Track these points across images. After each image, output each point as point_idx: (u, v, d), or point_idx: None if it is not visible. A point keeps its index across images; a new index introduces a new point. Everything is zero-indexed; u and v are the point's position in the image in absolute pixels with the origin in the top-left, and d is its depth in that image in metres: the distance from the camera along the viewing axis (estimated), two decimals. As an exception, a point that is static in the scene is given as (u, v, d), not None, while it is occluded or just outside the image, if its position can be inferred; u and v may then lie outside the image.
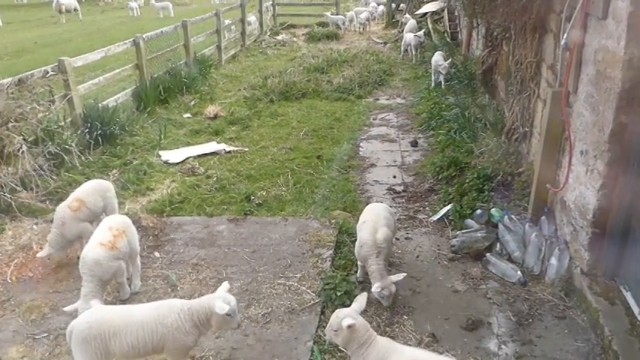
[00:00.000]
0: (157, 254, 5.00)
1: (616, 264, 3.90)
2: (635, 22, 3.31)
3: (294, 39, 18.12)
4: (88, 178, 6.65)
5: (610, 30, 3.60)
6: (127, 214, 5.77)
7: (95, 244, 4.04)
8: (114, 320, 3.18)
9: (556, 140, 4.68)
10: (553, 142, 4.69)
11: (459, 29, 13.87)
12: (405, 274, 4.06)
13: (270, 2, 20.68)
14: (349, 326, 2.96)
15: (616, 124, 3.59)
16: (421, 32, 13.76)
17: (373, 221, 4.33)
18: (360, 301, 3.17)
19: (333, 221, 5.40)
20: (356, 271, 4.56)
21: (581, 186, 4.10)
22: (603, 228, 3.89)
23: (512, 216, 4.96)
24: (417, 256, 4.91)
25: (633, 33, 3.34)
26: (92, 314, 3.26)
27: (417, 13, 16.95)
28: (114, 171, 6.92)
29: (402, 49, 14.07)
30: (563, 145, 4.62)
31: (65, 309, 3.83)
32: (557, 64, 4.82)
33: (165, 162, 7.32)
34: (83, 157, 7.06)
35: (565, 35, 4.41)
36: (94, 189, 4.94)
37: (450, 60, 10.37)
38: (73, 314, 3.83)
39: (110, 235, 4.12)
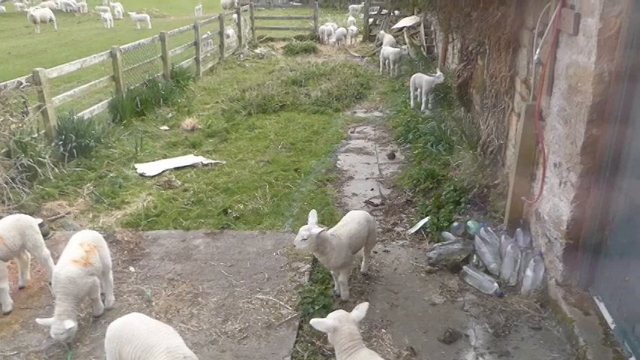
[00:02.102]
0: (131, 269, 4.92)
1: (589, 275, 3.96)
2: (605, 38, 3.39)
3: (273, 52, 18.17)
4: (62, 191, 6.58)
5: (581, 45, 3.68)
6: (101, 227, 5.71)
7: (67, 262, 3.94)
8: (129, 329, 3.10)
9: (530, 153, 4.75)
10: (527, 154, 4.76)
11: (435, 43, 14.08)
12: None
13: (249, 15, 20.75)
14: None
15: (588, 137, 3.66)
16: (406, 46, 13.88)
17: (347, 223, 4.45)
18: (361, 309, 3.13)
19: (310, 234, 5.38)
20: (334, 285, 4.54)
21: (555, 198, 4.16)
22: (577, 239, 3.94)
23: (489, 228, 5.01)
24: (395, 269, 4.91)
25: (603, 48, 3.42)
26: (128, 317, 3.23)
27: (393, 27, 17.16)
28: (88, 184, 6.82)
29: (381, 62, 14.17)
30: (537, 157, 4.69)
31: (38, 321, 3.72)
32: (531, 78, 4.91)
33: (142, 175, 7.23)
34: (57, 170, 6.95)
35: (538, 50, 4.50)
36: (12, 225, 4.46)
37: (438, 73, 9.77)
38: (45, 330, 3.75)
39: (82, 251, 4.03)
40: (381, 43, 15.25)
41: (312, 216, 4.16)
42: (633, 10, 3.23)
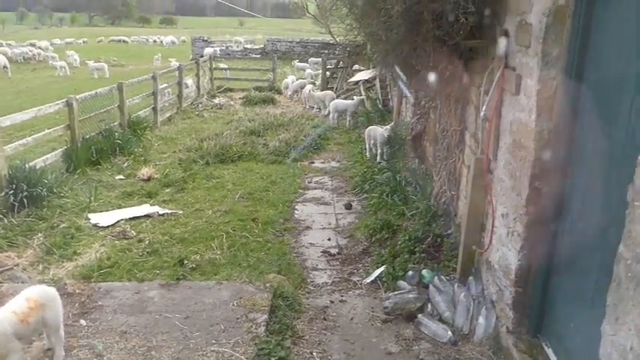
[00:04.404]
0: (82, 322, 4.76)
1: (538, 321, 4.08)
2: (543, 98, 3.65)
3: (231, 102, 18.38)
4: (11, 242, 6.38)
5: (522, 104, 3.94)
6: (51, 279, 5.54)
7: (8, 311, 3.71)
8: None
9: (480, 204, 4.94)
10: (477, 205, 4.96)
11: (390, 97, 14.55)
12: None
13: (208, 66, 21.03)
14: None
15: (531, 189, 3.87)
16: (359, 98, 14.26)
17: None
18: None
19: (267, 285, 5.37)
20: (291, 336, 4.52)
21: (504, 247, 4.33)
22: (525, 287, 4.09)
23: (442, 277, 5.14)
24: (352, 319, 4.94)
25: (542, 107, 3.67)
26: None
27: (350, 80, 17.69)
28: (39, 235, 6.64)
29: (332, 115, 14.23)
30: (486, 208, 4.89)
31: None
32: (479, 132, 5.17)
33: (95, 225, 7.09)
34: (6, 220, 6.77)
35: (484, 107, 4.77)
36: None
37: (389, 125, 10.24)
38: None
39: (25, 307, 3.79)
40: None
41: None
42: (567, 74, 3.50)
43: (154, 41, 57.41)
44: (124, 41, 57.31)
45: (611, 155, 3.04)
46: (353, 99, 14.46)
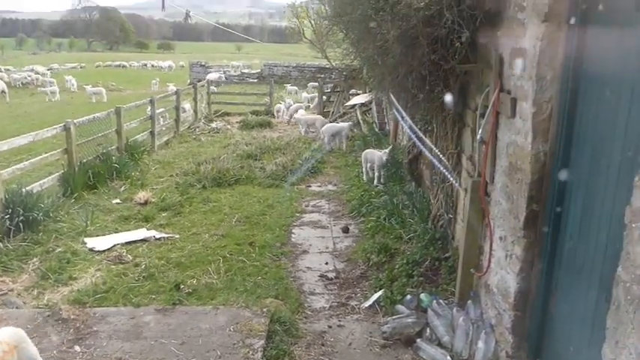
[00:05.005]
0: (77, 348, 4.70)
1: (538, 345, 4.04)
2: (539, 121, 3.68)
3: (228, 126, 18.44)
4: (6, 267, 6.34)
5: (518, 127, 3.96)
6: (46, 305, 5.49)
7: None
8: None
9: (477, 227, 4.93)
10: (475, 228, 4.95)
11: (386, 120, 14.64)
12: None
13: (206, 90, 21.17)
14: None
15: (529, 212, 3.86)
16: (348, 123, 14.36)
17: None
18: None
19: (264, 310, 5.32)
20: (288, 361, 4.47)
21: (502, 270, 4.31)
22: (524, 311, 4.06)
23: (441, 300, 5.09)
24: (350, 344, 4.88)
25: (537, 130, 3.69)
26: None
27: (346, 104, 17.82)
28: (34, 259, 6.59)
29: (326, 139, 14.08)
30: (484, 231, 4.88)
31: None
32: (475, 155, 5.19)
33: (91, 249, 7.05)
34: (1, 245, 6.73)
35: (480, 130, 4.79)
36: None
37: (387, 149, 10.23)
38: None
39: (0, 351, 3.68)
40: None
41: None
42: (561, 96, 3.53)
43: (152, 66, 57.92)
44: (122, 66, 57.81)
45: (608, 177, 3.05)
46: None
